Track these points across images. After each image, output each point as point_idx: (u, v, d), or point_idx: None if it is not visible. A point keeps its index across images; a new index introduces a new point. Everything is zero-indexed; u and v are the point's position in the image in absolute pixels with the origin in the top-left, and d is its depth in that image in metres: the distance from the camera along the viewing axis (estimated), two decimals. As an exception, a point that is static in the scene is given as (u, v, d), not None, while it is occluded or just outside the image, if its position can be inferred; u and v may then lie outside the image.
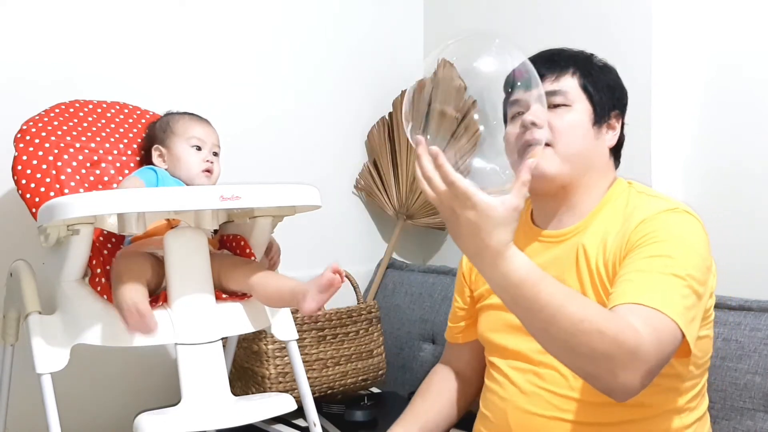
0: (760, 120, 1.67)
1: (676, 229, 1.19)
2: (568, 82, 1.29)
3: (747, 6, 1.68)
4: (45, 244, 1.30)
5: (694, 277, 1.14)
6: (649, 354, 1.05)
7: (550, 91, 1.28)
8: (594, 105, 1.30)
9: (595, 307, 1.08)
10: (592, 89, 1.30)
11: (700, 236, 1.21)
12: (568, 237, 1.30)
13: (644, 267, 1.15)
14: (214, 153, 1.55)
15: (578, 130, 1.28)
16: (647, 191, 1.31)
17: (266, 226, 1.43)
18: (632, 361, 1.04)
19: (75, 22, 1.80)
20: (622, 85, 1.35)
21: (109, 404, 1.83)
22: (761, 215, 1.67)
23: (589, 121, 1.29)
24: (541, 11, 2.02)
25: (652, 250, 1.16)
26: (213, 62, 2.02)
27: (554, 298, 1.04)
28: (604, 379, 1.07)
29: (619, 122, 1.33)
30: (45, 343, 1.26)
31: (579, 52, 1.35)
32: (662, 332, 1.08)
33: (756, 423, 1.42)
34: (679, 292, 1.12)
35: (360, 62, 2.30)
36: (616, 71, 1.36)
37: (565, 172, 1.28)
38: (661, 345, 1.07)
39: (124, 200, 1.21)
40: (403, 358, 2.10)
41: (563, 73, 1.30)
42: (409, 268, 2.25)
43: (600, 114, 1.30)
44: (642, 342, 1.04)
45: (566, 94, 1.28)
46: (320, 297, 1.29)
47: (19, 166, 1.48)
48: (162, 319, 1.27)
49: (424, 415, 1.44)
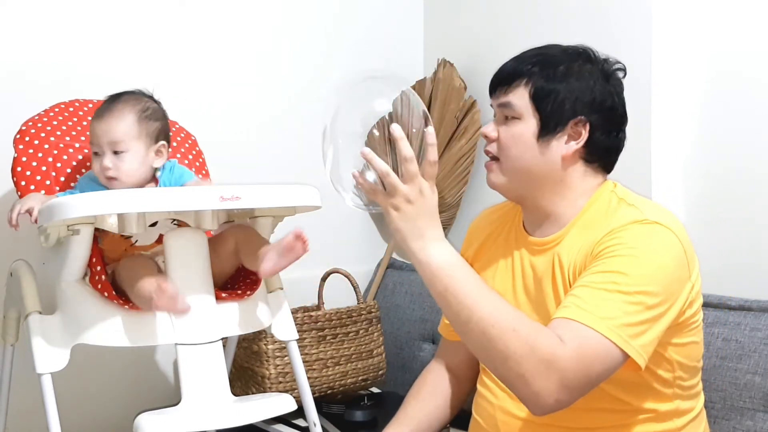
0: (761, 120, 1.66)
1: (638, 242, 1.16)
2: (519, 93, 1.26)
3: (747, 6, 1.68)
4: (45, 244, 1.30)
5: (647, 292, 1.12)
6: (567, 366, 1.06)
7: (502, 103, 1.28)
8: (542, 116, 1.25)
9: (517, 312, 1.13)
10: (542, 99, 1.25)
11: (666, 248, 1.17)
12: (548, 246, 1.29)
13: (592, 282, 1.14)
14: (115, 152, 1.36)
15: (519, 144, 1.26)
16: (627, 197, 1.26)
17: (267, 227, 1.43)
18: (546, 370, 1.05)
19: (74, 22, 1.80)
20: (593, 88, 1.26)
21: (109, 404, 1.83)
22: (761, 215, 1.66)
23: (533, 134, 1.25)
24: (541, 11, 2.02)
25: (605, 266, 1.15)
26: (213, 62, 2.02)
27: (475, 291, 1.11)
28: (518, 385, 1.09)
29: (585, 128, 1.25)
30: (45, 343, 1.26)
31: (554, 54, 1.28)
32: (588, 348, 1.08)
33: (756, 423, 1.42)
34: (621, 308, 1.11)
35: (360, 62, 2.30)
36: (598, 72, 1.27)
37: (512, 186, 1.29)
38: (584, 360, 1.07)
39: (124, 200, 1.22)
40: (403, 358, 2.10)
41: (516, 82, 1.27)
42: (409, 268, 2.25)
43: (548, 125, 1.25)
44: (559, 352, 1.06)
45: (515, 107, 1.26)
46: (278, 261, 1.29)
47: (19, 167, 1.48)
48: (162, 320, 1.27)
49: (416, 417, 1.44)
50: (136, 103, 1.39)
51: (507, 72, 1.29)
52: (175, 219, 1.37)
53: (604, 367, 1.10)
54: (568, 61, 1.28)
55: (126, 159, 1.35)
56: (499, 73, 1.31)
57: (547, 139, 1.25)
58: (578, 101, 1.25)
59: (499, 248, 1.39)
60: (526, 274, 1.31)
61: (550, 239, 1.29)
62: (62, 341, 1.28)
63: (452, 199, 2.24)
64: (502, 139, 1.28)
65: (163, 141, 1.42)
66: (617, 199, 1.26)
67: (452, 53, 2.24)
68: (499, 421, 1.30)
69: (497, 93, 1.30)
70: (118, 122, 1.35)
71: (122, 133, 1.35)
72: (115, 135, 1.35)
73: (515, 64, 1.29)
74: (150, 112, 1.40)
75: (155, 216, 1.33)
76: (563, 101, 1.25)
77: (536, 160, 1.26)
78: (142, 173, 1.40)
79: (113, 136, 1.35)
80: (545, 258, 1.28)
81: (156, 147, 1.41)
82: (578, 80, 1.26)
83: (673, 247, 1.18)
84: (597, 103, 1.27)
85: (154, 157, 1.41)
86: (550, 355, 1.06)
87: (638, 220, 1.19)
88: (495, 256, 1.39)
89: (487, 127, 1.31)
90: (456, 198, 2.24)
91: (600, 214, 1.25)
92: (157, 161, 1.42)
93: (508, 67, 1.30)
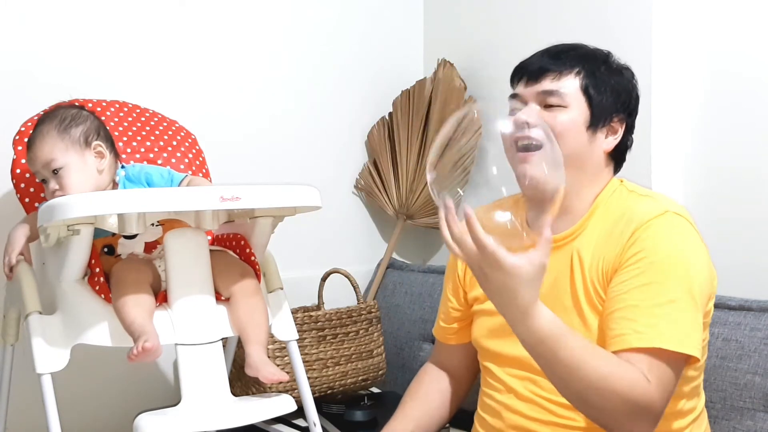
0: (761, 120, 1.66)
1: (666, 244, 1.19)
2: (569, 82, 1.27)
3: (747, 6, 1.68)
4: (45, 244, 1.30)
5: (690, 290, 1.16)
6: (659, 405, 1.12)
7: (547, 90, 1.26)
8: (592, 108, 1.27)
9: (609, 363, 1.12)
10: (593, 91, 1.26)
11: (691, 242, 1.21)
12: (563, 243, 1.29)
13: (638, 300, 1.16)
14: (54, 171, 1.34)
15: (572, 131, 1.26)
16: (638, 190, 1.30)
17: (267, 227, 1.43)
18: (644, 415, 1.11)
19: (74, 22, 1.80)
20: (631, 89, 1.31)
21: (109, 404, 1.83)
22: (761, 215, 1.67)
23: (584, 123, 1.26)
24: (541, 11, 2.02)
25: (644, 277, 1.17)
26: (213, 62, 2.02)
27: (573, 356, 1.09)
28: (611, 427, 1.14)
29: (622, 126, 1.29)
30: (45, 343, 1.26)
31: (591, 51, 1.31)
32: (665, 374, 1.13)
33: (756, 423, 1.42)
34: (674, 317, 1.15)
35: (360, 62, 2.30)
36: (630, 74, 1.32)
37: None
38: (666, 389, 1.13)
39: (124, 200, 1.22)
40: (403, 358, 2.10)
41: (566, 72, 1.27)
42: (409, 268, 2.25)
43: (598, 117, 1.27)
44: (653, 397, 1.11)
45: (563, 96, 1.26)
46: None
47: (18, 169, 1.48)
48: (162, 320, 1.27)
49: (415, 417, 1.44)
50: (53, 118, 1.37)
51: (551, 61, 1.28)
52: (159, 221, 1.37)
53: (676, 381, 1.16)
54: (606, 58, 1.31)
55: (66, 174, 1.34)
56: (537, 61, 1.29)
57: (594, 131, 1.27)
58: (621, 98, 1.29)
59: None
60: None
61: (564, 235, 1.29)
62: (62, 341, 1.27)
63: (452, 199, 2.23)
64: (554, 126, 1.23)
65: (96, 141, 1.38)
66: (627, 191, 1.29)
67: (452, 53, 2.24)
68: (505, 419, 1.31)
69: (541, 80, 1.27)
70: (42, 143, 1.34)
71: (49, 151, 1.33)
72: (45, 156, 1.33)
73: (556, 55, 1.29)
74: (69, 120, 1.37)
75: (155, 216, 1.33)
76: (613, 95, 1.28)
77: (586, 149, 1.28)
78: (91, 181, 1.36)
79: (44, 158, 1.34)
80: (560, 254, 1.27)
81: (92, 150, 1.37)
82: (621, 78, 1.30)
83: (696, 238, 1.22)
84: (633, 102, 1.32)
85: (95, 160, 1.38)
86: (646, 403, 1.11)
87: (658, 214, 1.21)
88: None
89: (523, 113, 1.25)
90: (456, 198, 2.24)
91: (614, 206, 1.27)
92: (100, 163, 1.38)
93: (550, 56, 1.29)
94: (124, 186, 1.42)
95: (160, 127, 1.68)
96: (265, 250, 1.49)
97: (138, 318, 1.24)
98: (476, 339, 1.40)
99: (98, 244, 1.35)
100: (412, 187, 2.25)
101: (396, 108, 2.29)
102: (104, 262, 1.34)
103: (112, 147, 1.42)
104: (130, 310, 1.25)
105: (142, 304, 1.27)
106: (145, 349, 1.19)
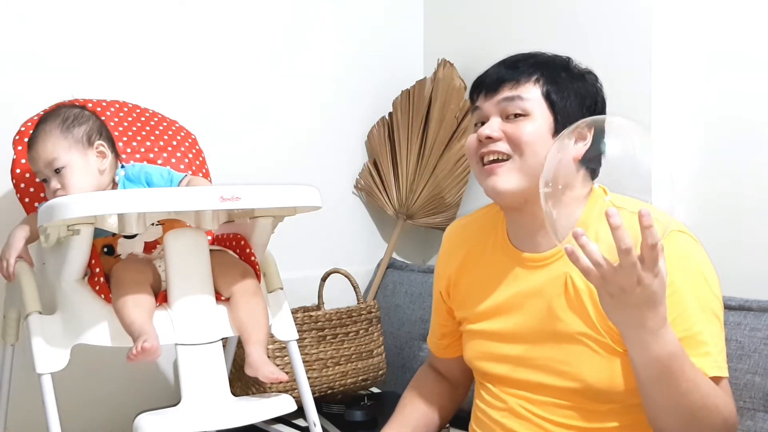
0: (761, 120, 1.67)
1: (678, 273, 1.14)
2: (529, 90, 1.23)
3: (747, 6, 1.68)
4: (45, 244, 1.30)
5: (712, 310, 1.17)
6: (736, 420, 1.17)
7: (507, 97, 1.23)
8: (556, 114, 1.22)
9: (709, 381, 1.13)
10: (555, 97, 1.22)
11: (697, 258, 1.19)
12: (551, 261, 1.24)
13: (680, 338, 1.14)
14: (56, 170, 1.34)
15: (538, 140, 1.21)
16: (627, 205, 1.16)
17: (267, 227, 1.43)
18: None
19: (74, 22, 1.80)
20: (595, 93, 1.27)
21: (109, 404, 1.83)
22: (761, 215, 1.67)
23: (548, 131, 1.22)
24: (541, 12, 2.02)
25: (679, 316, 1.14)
26: (213, 62, 2.02)
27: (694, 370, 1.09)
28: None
29: (591, 131, 1.18)
30: (45, 343, 1.26)
31: (551, 58, 1.28)
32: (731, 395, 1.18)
33: (756, 423, 1.42)
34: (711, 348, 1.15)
35: (360, 62, 2.30)
36: (593, 78, 1.28)
37: (526, 188, 1.21)
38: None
39: (124, 200, 1.22)
40: (403, 358, 2.10)
41: (524, 80, 1.23)
42: (409, 268, 2.25)
43: (563, 124, 1.20)
44: (735, 415, 1.16)
45: (524, 101, 1.21)
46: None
47: (18, 169, 1.48)
48: (162, 320, 1.27)
49: (414, 418, 1.43)
50: (55, 117, 1.37)
51: (508, 70, 1.25)
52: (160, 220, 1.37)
53: None
54: (567, 64, 1.28)
55: (67, 173, 1.34)
56: (495, 72, 1.27)
57: None
58: (585, 102, 1.25)
59: (486, 265, 1.34)
60: (523, 293, 1.27)
61: (552, 253, 1.24)
62: (62, 341, 1.27)
63: (452, 199, 2.24)
64: (520, 136, 1.21)
65: (98, 141, 1.38)
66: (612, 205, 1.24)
67: (452, 53, 2.24)
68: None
69: (501, 89, 1.24)
70: (45, 142, 1.34)
71: (51, 150, 1.33)
72: (47, 154, 1.33)
73: (512, 64, 1.26)
74: (71, 119, 1.37)
75: (155, 216, 1.33)
76: (577, 99, 1.24)
77: None
78: (92, 181, 1.36)
79: (47, 157, 1.33)
80: (547, 273, 1.24)
81: (94, 150, 1.37)
82: (584, 83, 1.26)
83: (700, 251, 1.21)
84: (599, 106, 1.27)
85: (96, 160, 1.38)
86: (736, 422, 1.16)
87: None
88: (484, 275, 1.33)
89: (485, 128, 1.23)
90: (456, 198, 2.24)
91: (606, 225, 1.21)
92: (102, 163, 1.38)
93: (506, 66, 1.26)
94: (124, 186, 1.42)
95: (160, 127, 1.68)
96: (265, 250, 1.49)
97: (138, 318, 1.24)
98: (470, 360, 1.37)
99: (98, 244, 1.35)
100: (412, 187, 2.25)
101: (396, 108, 2.29)
102: (104, 262, 1.34)
103: (113, 147, 1.42)
104: (130, 310, 1.25)
105: (142, 304, 1.27)
106: (145, 349, 1.19)
